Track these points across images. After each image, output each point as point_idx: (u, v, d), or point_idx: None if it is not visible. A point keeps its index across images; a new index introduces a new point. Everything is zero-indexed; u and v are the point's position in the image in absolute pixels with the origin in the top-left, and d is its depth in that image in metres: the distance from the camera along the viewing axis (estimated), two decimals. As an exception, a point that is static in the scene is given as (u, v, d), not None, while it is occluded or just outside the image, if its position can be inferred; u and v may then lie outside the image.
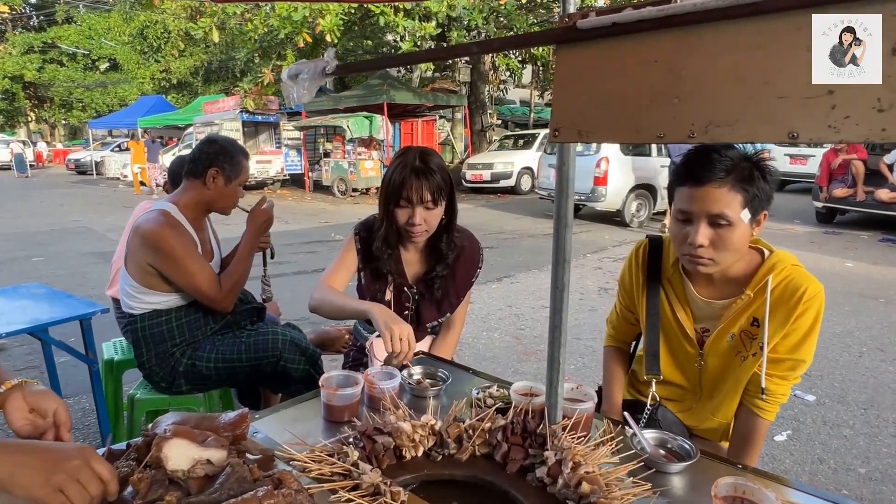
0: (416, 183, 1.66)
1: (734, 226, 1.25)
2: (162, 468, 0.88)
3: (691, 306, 1.46)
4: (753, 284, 1.34)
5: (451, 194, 1.76)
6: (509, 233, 8.85)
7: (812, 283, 1.31)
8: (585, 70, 0.73)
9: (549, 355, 1.20)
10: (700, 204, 1.26)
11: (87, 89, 29.91)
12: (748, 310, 1.36)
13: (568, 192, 1.04)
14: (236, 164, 2.11)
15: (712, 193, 1.24)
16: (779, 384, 1.38)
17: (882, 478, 2.54)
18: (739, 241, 1.28)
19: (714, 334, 1.42)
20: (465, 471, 1.13)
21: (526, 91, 25.34)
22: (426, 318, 1.86)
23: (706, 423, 1.52)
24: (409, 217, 1.71)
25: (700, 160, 1.27)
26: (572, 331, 4.30)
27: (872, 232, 8.41)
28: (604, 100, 0.71)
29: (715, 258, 1.30)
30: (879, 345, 4.10)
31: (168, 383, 2.12)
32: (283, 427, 1.26)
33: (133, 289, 2.03)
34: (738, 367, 1.41)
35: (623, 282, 1.63)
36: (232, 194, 2.14)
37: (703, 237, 1.27)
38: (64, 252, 7.58)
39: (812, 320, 1.32)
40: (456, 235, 1.84)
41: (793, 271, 1.33)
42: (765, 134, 0.61)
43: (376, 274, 1.83)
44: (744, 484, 0.96)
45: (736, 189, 1.24)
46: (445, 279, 1.84)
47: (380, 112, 14.11)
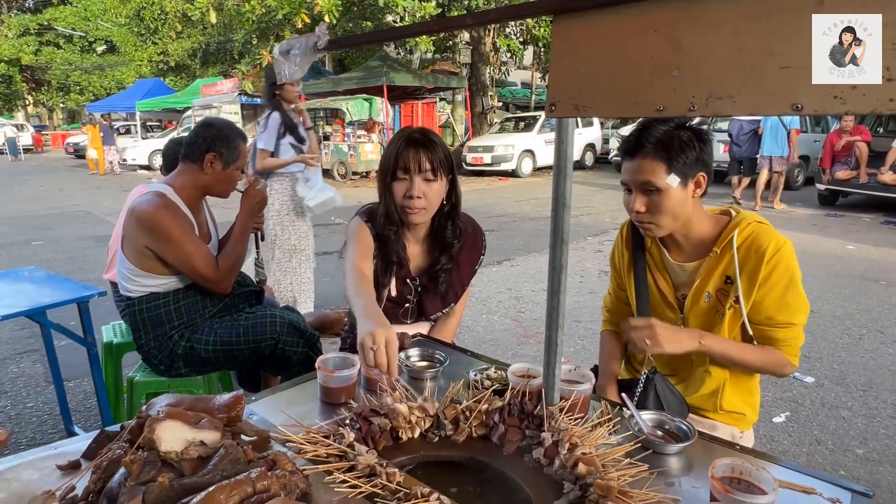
0: (413, 152, 1.60)
1: (663, 191, 1.38)
2: (155, 450, 0.87)
3: (669, 273, 1.54)
4: (720, 242, 1.43)
5: (452, 174, 1.70)
6: (510, 216, 8.81)
7: (776, 236, 1.39)
8: (583, 42, 0.70)
9: (547, 337, 1.19)
10: (632, 174, 1.41)
11: (84, 72, 29.64)
12: (718, 267, 1.44)
13: (567, 171, 1.02)
14: (234, 149, 2.07)
15: (639, 164, 1.39)
16: (786, 329, 1.41)
17: (879, 458, 2.55)
18: (674, 204, 1.39)
19: (690, 295, 1.49)
20: (462, 452, 1.12)
21: (527, 73, 25.06)
22: (430, 310, 1.80)
23: (702, 388, 1.53)
24: (407, 190, 1.61)
25: (636, 135, 1.39)
26: (572, 313, 4.29)
27: (875, 214, 8.37)
28: (602, 72, 0.68)
29: (654, 221, 1.42)
30: (880, 327, 4.10)
31: (167, 366, 2.12)
32: (279, 409, 1.25)
33: (130, 272, 2.02)
34: (720, 325, 1.45)
35: (612, 260, 1.72)
36: (230, 179, 2.11)
37: (640, 204, 1.41)
38: (63, 236, 7.57)
39: (787, 271, 1.37)
40: (460, 222, 1.76)
41: (757, 227, 1.41)
42: (768, 106, 0.59)
43: (383, 265, 1.74)
44: (741, 464, 0.95)
45: (658, 158, 1.36)
46: (450, 270, 1.78)
47: (379, 94, 13.98)
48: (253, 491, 0.82)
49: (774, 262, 1.37)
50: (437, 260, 1.76)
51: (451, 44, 17.22)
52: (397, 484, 0.96)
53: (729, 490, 0.87)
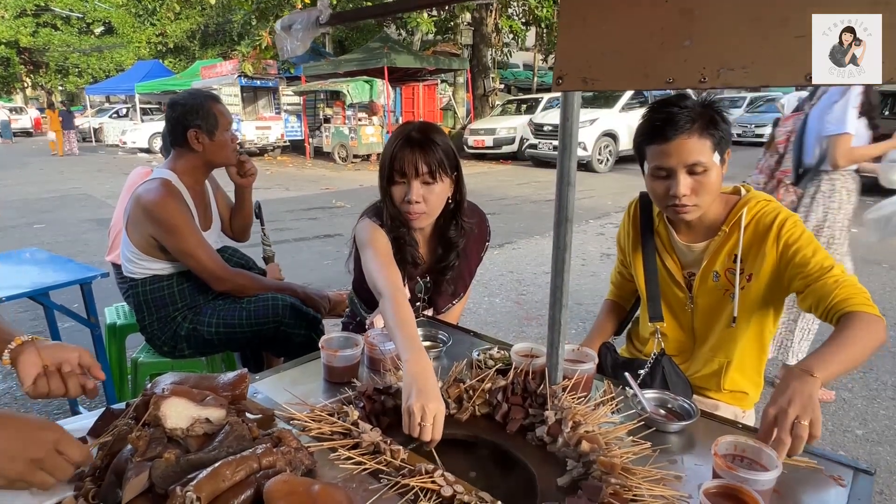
0: (409, 154, 1.50)
1: (710, 170, 1.33)
2: (160, 426, 0.88)
3: (677, 253, 1.53)
4: (729, 221, 1.42)
5: (457, 173, 1.61)
6: (511, 199, 8.79)
7: (783, 210, 1.38)
8: (591, 12, 0.68)
9: (551, 316, 1.19)
10: (675, 157, 1.33)
11: (83, 54, 29.34)
12: (725, 246, 1.43)
13: (571, 149, 1.01)
14: (209, 115, 2.00)
15: (684, 145, 1.31)
16: (832, 273, 1.28)
17: (879, 439, 2.57)
18: (716, 182, 1.36)
19: (699, 275, 1.48)
20: (466, 430, 1.13)
21: (529, 54, 24.78)
22: (440, 304, 1.79)
23: (705, 368, 1.53)
24: (405, 194, 1.53)
25: (664, 116, 1.33)
26: (573, 296, 4.29)
27: (878, 197, 8.32)
28: (610, 43, 0.67)
29: (698, 203, 1.37)
30: (882, 310, 4.06)
31: (170, 347, 2.13)
32: (282, 388, 1.26)
33: (134, 255, 2.02)
34: (730, 304, 1.44)
35: (619, 239, 1.71)
36: (222, 145, 2.04)
37: (685, 187, 1.34)
38: (65, 219, 7.57)
39: (803, 236, 1.33)
40: (465, 221, 1.69)
41: (765, 205, 1.40)
42: (781, 77, 0.58)
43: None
44: (744, 443, 0.96)
45: (704, 136, 1.31)
46: (457, 266, 1.74)
47: (380, 76, 13.84)
48: (258, 467, 0.83)
49: (786, 231, 1.34)
50: (444, 257, 1.71)
51: (453, 25, 16.99)
52: (401, 461, 0.97)
53: (732, 467, 0.88)
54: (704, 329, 1.52)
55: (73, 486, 0.85)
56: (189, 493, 0.74)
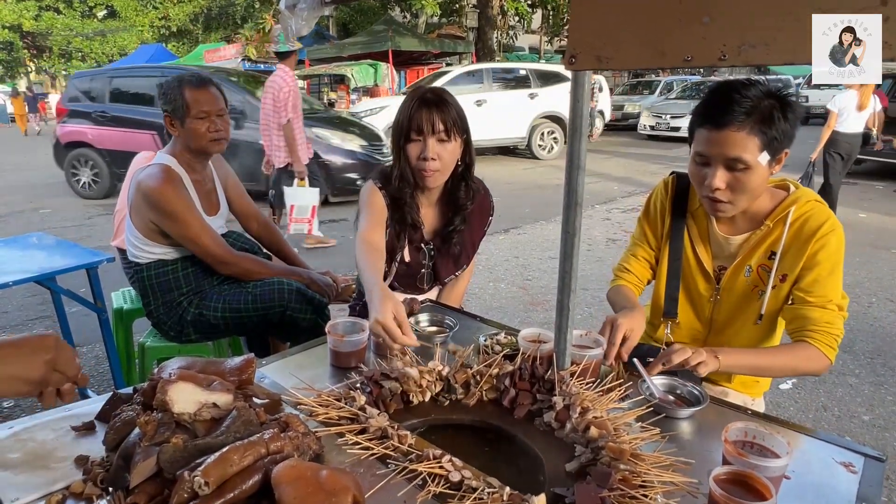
0: (426, 113, 1.57)
1: (752, 169, 1.24)
2: (168, 411, 0.87)
3: (712, 244, 1.46)
4: (774, 216, 1.35)
5: (466, 135, 1.67)
6: (518, 183, 8.73)
7: (831, 218, 1.32)
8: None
9: (559, 301, 1.18)
10: (718, 148, 1.24)
11: (86, 38, 29.17)
12: (766, 241, 1.37)
13: (581, 131, 0.99)
14: (175, 100, 1.94)
15: (731, 137, 1.22)
16: (821, 310, 1.29)
17: (885, 425, 2.56)
18: (757, 183, 1.27)
19: (732, 268, 1.42)
20: (473, 415, 1.13)
21: (535, 37, 24.47)
22: (443, 273, 1.81)
23: None
24: (422, 151, 1.59)
25: (720, 101, 1.24)
26: (579, 281, 4.27)
27: (888, 182, 8.23)
28: (626, 20, 0.64)
29: (733, 201, 1.29)
30: (889, 295, 4.07)
31: (177, 332, 2.13)
32: (289, 373, 1.26)
33: (138, 240, 2.02)
34: (757, 301, 1.39)
35: (647, 211, 1.57)
36: (194, 132, 1.96)
37: (720, 181, 1.26)
38: (70, 204, 7.58)
39: (834, 255, 1.30)
40: (473, 183, 1.76)
41: (815, 206, 1.33)
42: (805, 54, 0.56)
43: (397, 230, 1.72)
44: (755, 429, 0.95)
45: (754, 132, 1.21)
46: (462, 231, 1.78)
47: (385, 60, 13.71)
48: (266, 452, 0.83)
49: (823, 243, 1.29)
50: (450, 221, 1.76)
51: (458, 7, 16.78)
52: (409, 446, 0.96)
53: (743, 454, 0.87)
54: (724, 323, 1.47)
55: (83, 469, 0.86)
56: (197, 478, 0.74)
